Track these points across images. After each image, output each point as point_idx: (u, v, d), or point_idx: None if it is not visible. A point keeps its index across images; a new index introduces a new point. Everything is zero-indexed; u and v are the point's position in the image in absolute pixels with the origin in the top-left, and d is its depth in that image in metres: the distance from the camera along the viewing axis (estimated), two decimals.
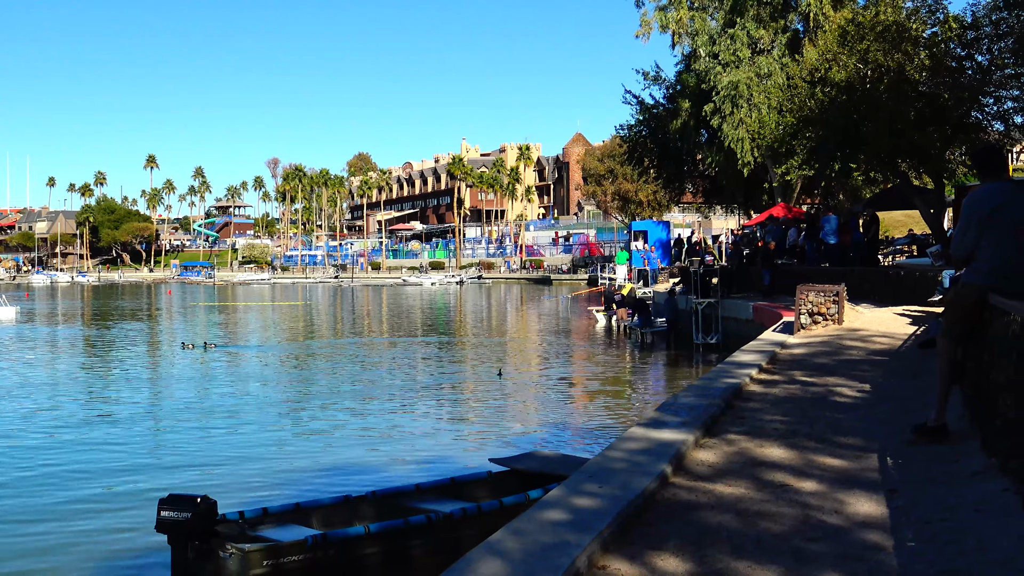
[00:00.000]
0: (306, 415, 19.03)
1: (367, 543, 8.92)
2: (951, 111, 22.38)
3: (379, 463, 14.21)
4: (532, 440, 15.72)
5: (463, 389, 22.98)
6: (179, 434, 16.88)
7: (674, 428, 7.51)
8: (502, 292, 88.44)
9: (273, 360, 29.92)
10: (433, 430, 17.12)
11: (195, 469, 13.90)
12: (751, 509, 5.53)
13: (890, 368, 11.60)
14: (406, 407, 19.93)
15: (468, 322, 48.93)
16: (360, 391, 22.24)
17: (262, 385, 23.61)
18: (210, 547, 8.68)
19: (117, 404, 20.57)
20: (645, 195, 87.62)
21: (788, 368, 11.77)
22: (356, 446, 15.65)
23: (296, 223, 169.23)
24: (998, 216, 6.66)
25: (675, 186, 49.02)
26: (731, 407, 8.93)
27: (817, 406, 8.97)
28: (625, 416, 18.19)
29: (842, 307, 16.57)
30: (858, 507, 5.51)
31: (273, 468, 14.00)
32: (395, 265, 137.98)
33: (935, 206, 25.37)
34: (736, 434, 7.69)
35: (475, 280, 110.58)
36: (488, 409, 19.63)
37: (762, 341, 15.28)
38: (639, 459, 6.44)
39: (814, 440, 7.38)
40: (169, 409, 19.94)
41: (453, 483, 10.85)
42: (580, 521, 5.03)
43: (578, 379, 24.65)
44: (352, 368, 27.11)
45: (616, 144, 74.94)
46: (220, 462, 14.40)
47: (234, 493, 11.89)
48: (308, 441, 16.21)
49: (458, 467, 12.89)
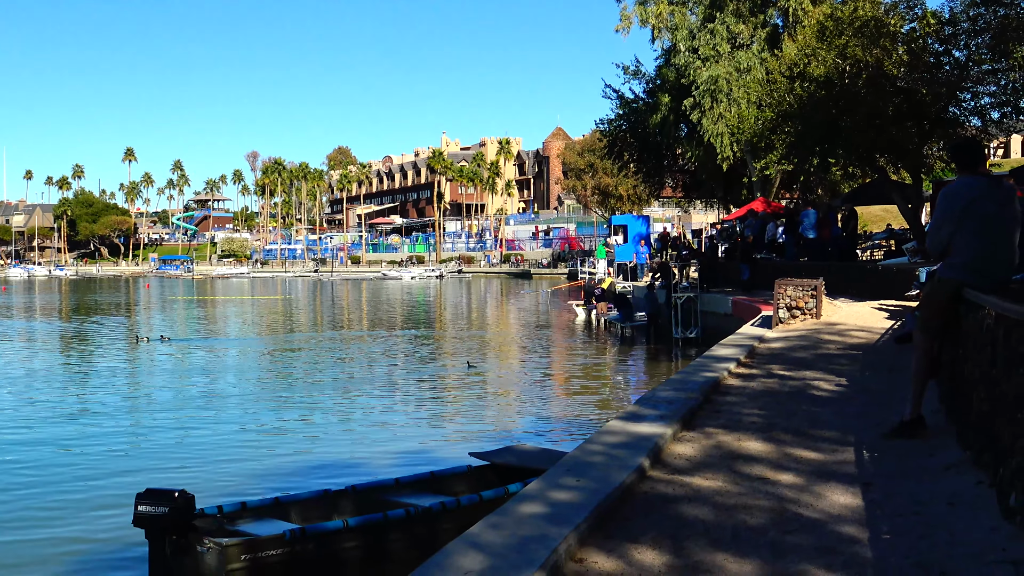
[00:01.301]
0: (285, 409, 18.96)
1: (346, 537, 8.91)
2: (929, 106, 22.52)
3: (358, 457, 14.19)
4: (512, 434, 15.74)
5: (443, 383, 22.97)
6: (157, 428, 16.78)
7: (652, 421, 7.53)
8: (482, 286, 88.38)
9: (252, 354, 29.81)
10: (413, 424, 17.11)
11: (173, 463, 13.83)
12: (728, 502, 5.56)
13: (867, 362, 11.67)
14: (386, 401, 19.91)
15: (448, 316, 48.87)
16: (340, 385, 22.19)
17: (240, 379, 23.51)
18: (188, 542, 8.65)
19: (93, 398, 20.43)
20: (625, 189, 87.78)
21: (766, 362, 11.82)
22: (336, 440, 15.62)
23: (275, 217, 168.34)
24: (973, 210, 6.70)
25: (655, 180, 49.12)
26: (709, 401, 8.96)
27: (794, 400, 9.02)
28: (604, 410, 18.22)
29: (820, 301, 16.66)
30: (834, 500, 5.55)
31: (252, 462, 13.95)
32: (375, 259, 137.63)
33: (913, 201, 25.53)
34: (714, 427, 7.72)
35: (455, 274, 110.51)
36: (468, 403, 19.63)
37: (741, 335, 15.33)
38: (617, 452, 6.45)
39: (791, 433, 7.41)
40: (146, 403, 19.83)
41: (432, 477, 10.84)
42: (558, 514, 5.04)
43: (558, 373, 24.68)
44: (331, 362, 27.04)
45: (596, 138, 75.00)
46: (198, 456, 14.34)
47: (212, 487, 11.84)
48: (287, 435, 16.16)
49: (437, 461, 12.88)
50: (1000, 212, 6.74)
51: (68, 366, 26.98)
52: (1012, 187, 7.07)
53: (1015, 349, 4.89)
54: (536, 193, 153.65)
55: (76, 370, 26.00)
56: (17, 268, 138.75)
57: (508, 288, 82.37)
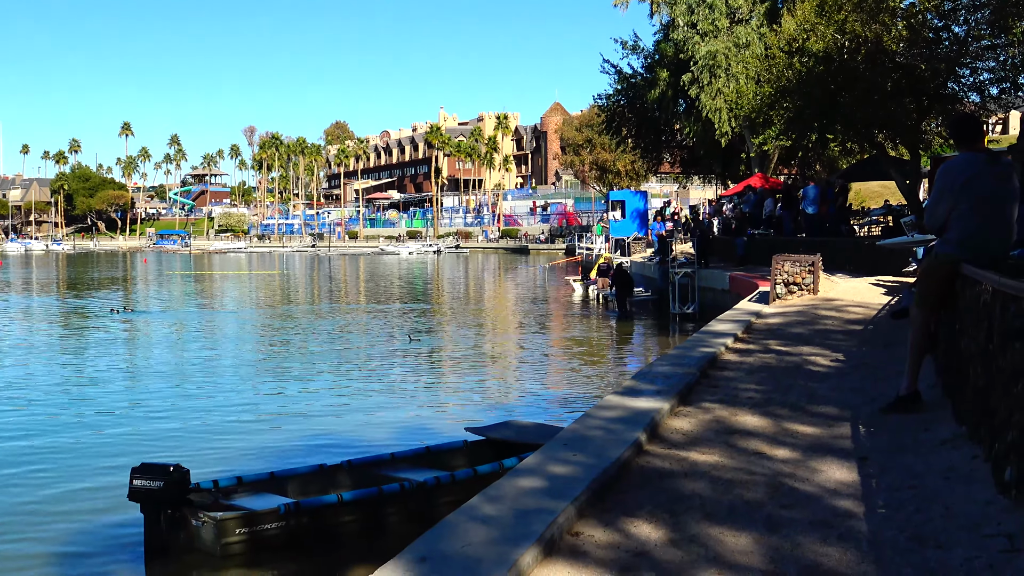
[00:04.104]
0: (281, 384, 18.97)
1: (341, 511, 8.93)
2: (927, 82, 22.40)
3: (354, 432, 14.19)
4: (508, 409, 15.75)
5: (440, 358, 22.98)
6: (151, 402, 16.77)
7: (649, 396, 7.53)
8: (480, 262, 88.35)
9: (248, 328, 29.80)
10: (409, 399, 17.12)
11: (168, 437, 13.83)
12: (725, 476, 5.56)
13: (864, 337, 11.68)
14: (382, 376, 19.91)
15: (445, 291, 48.87)
16: (336, 360, 22.19)
17: (236, 353, 23.51)
18: (183, 516, 8.67)
19: (89, 370, 20.43)
20: (623, 165, 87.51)
21: (763, 337, 11.83)
22: (332, 415, 15.63)
23: (273, 192, 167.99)
24: (971, 186, 6.68)
25: (653, 156, 49.02)
26: (706, 376, 8.97)
27: (791, 375, 9.02)
28: (601, 385, 18.24)
29: (817, 277, 16.66)
30: (830, 474, 5.55)
31: (247, 437, 13.95)
32: (372, 234, 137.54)
33: (911, 177, 25.48)
34: (711, 402, 7.73)
35: (453, 250, 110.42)
36: (464, 378, 19.64)
37: (738, 311, 15.34)
38: (614, 427, 6.45)
39: (788, 408, 7.42)
40: (142, 377, 19.82)
41: (428, 452, 10.87)
42: (555, 488, 5.04)
43: (554, 348, 24.68)
44: (328, 337, 27.04)
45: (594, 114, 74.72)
46: (194, 430, 14.34)
47: (208, 462, 11.83)
48: (283, 409, 16.16)
49: (433, 436, 12.90)
50: (998, 188, 6.71)
51: (64, 339, 26.95)
52: (1010, 163, 7.05)
53: (1011, 324, 4.88)
54: (534, 168, 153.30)
55: (71, 343, 25.98)
56: (14, 243, 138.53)
57: (506, 263, 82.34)
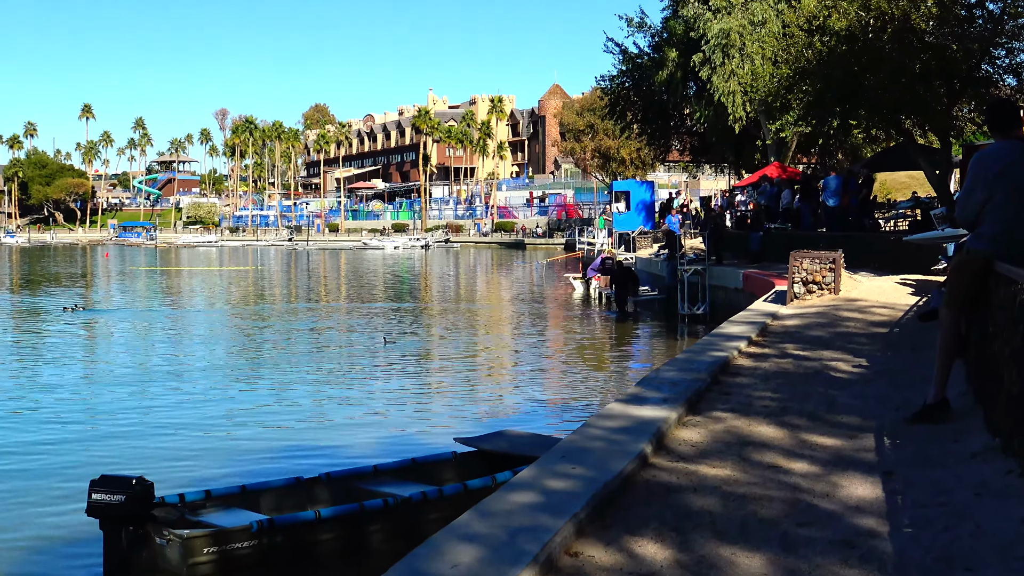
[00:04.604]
0: (254, 389, 18.95)
1: (319, 529, 8.91)
2: (959, 64, 22.41)
3: (334, 442, 14.18)
4: (501, 418, 15.76)
5: (427, 362, 22.97)
6: (114, 409, 16.72)
7: (655, 404, 7.53)
8: (471, 257, 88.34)
9: (219, 328, 29.77)
10: (393, 406, 17.10)
11: (130, 448, 13.80)
12: (737, 492, 5.55)
13: (889, 341, 11.70)
14: (365, 381, 19.90)
15: (434, 289, 48.86)
16: (314, 363, 22.17)
17: (205, 356, 23.48)
18: (146, 533, 8.64)
19: (43, 375, 20.37)
20: (628, 152, 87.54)
21: (780, 341, 11.84)
22: (309, 423, 15.61)
23: (246, 180, 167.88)
24: (1007, 177, 6.66)
25: (660, 143, 49.09)
26: (717, 382, 8.97)
27: (810, 381, 9.03)
28: (602, 392, 18.26)
29: (839, 275, 16.67)
30: (852, 490, 5.54)
31: (217, 447, 13.93)
32: (355, 227, 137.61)
33: (941, 166, 25.49)
34: (723, 411, 7.72)
35: (442, 244, 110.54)
36: (454, 384, 19.65)
37: (752, 311, 15.36)
38: (617, 438, 6.45)
39: (806, 418, 7.42)
40: (101, 382, 19.77)
41: (414, 464, 10.85)
42: (552, 504, 5.02)
43: (552, 352, 24.70)
44: (306, 338, 27.02)
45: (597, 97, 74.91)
46: (158, 440, 14.30)
47: (174, 474, 11.82)
48: (256, 418, 16.13)
49: (420, 447, 12.89)
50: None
51: (15, 341, 26.89)
52: None
53: None
54: (531, 156, 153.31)
55: (22, 345, 25.92)
56: None
57: (499, 259, 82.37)
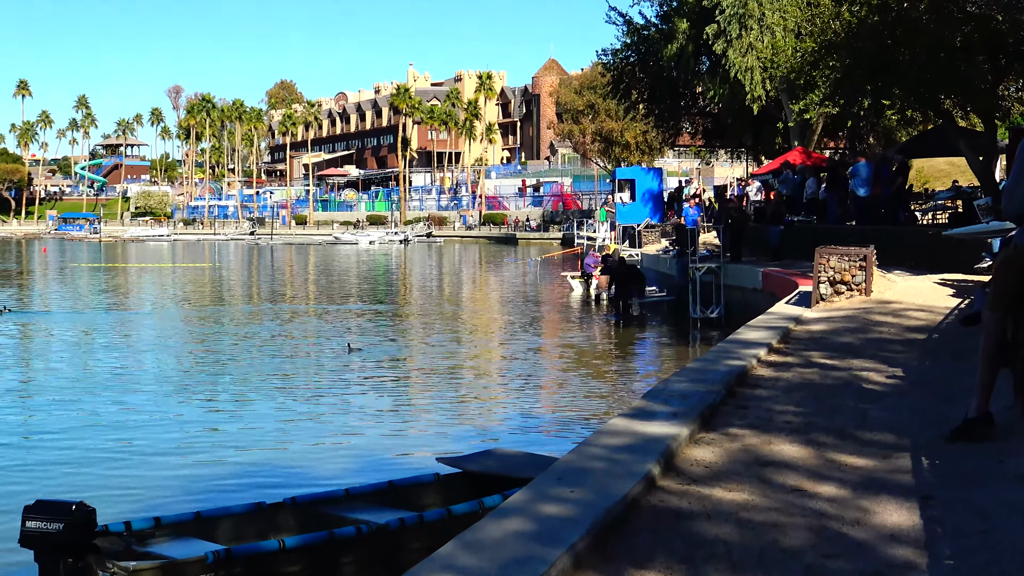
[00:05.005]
0: (210, 402, 18.93)
1: (282, 560, 8.88)
2: (1005, 37, 22.44)
3: (300, 462, 14.17)
4: (490, 435, 15.78)
5: (407, 372, 22.96)
6: (51, 426, 16.68)
7: (664, 420, 7.53)
8: (456, 253, 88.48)
9: (172, 333, 29.71)
10: (368, 422, 17.09)
11: (70, 469, 13.75)
12: (756, 519, 5.54)
13: (927, 348, 11.71)
14: (336, 393, 19.88)
15: (414, 289, 48.90)
16: (279, 373, 22.15)
17: (155, 364, 23.44)
18: (87, 565, 8.59)
19: None
20: (632, 136, 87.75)
21: (804, 348, 11.85)
22: (273, 441, 15.59)
23: (202, 166, 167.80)
24: None
25: (669, 125, 49.15)
26: (734, 395, 8.98)
27: (838, 394, 9.04)
28: (604, 405, 18.28)
29: (870, 274, 16.68)
30: (885, 516, 5.53)
31: (169, 468, 13.89)
32: (325, 219, 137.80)
33: (984, 152, 25.53)
34: (740, 427, 7.72)
35: (423, 238, 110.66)
36: (437, 397, 19.65)
37: (773, 315, 15.38)
38: (620, 457, 6.44)
39: (834, 435, 7.42)
40: (36, 393, 19.76)
41: (391, 487, 10.83)
42: (547, 532, 5.01)
43: (547, 360, 24.70)
44: (270, 345, 26.99)
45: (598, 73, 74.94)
46: (102, 460, 14.28)
47: (119, 499, 11.79)
48: (213, 435, 16.12)
49: (398, 468, 12.89)
50: None
51: None
52: None
53: None
54: (524, 140, 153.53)
55: None
56: None
57: (488, 256, 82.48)
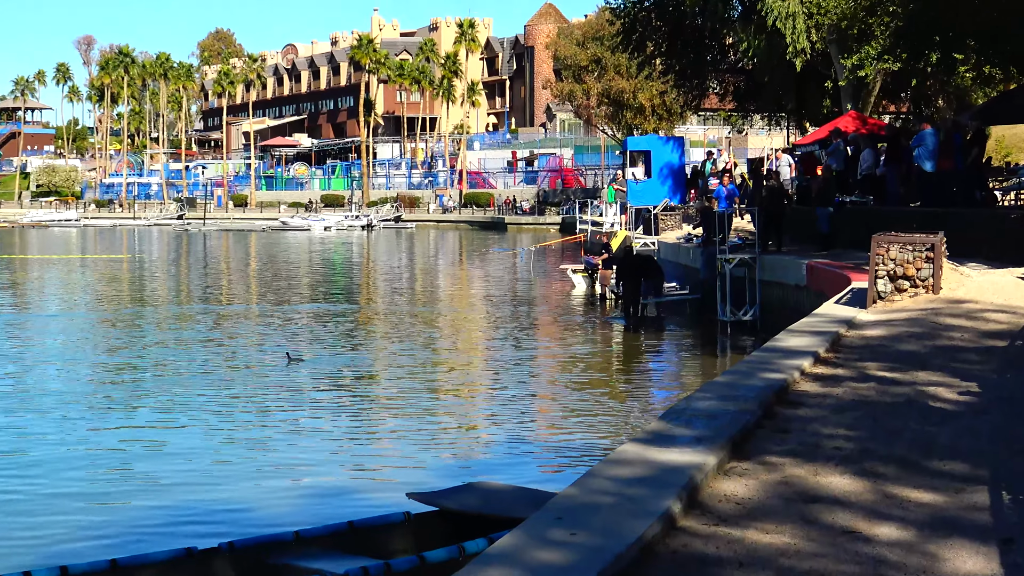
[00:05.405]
0: (130, 424, 18.87)
1: None
2: None
3: (240, 499, 14.16)
4: (472, 464, 15.80)
5: (371, 387, 22.93)
6: None
7: (686, 446, 7.54)
8: (432, 241, 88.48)
9: (81, 341, 29.65)
10: (324, 449, 17.07)
11: None
12: (799, 567, 5.56)
13: (1009, 358, 11.74)
14: (282, 414, 19.83)
15: (380, 286, 48.87)
16: (212, 389, 22.08)
17: (63, 379, 23.38)
18: None
19: None
20: (647, 98, 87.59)
21: (858, 358, 11.87)
22: (206, 472, 15.58)
23: (120, 135, 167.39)
24: None
25: (693, 85, 49.07)
26: (772, 415, 8.98)
27: (900, 414, 9.04)
28: (612, 429, 18.27)
29: (939, 267, 16.69)
30: (958, 563, 5.55)
31: (79, 505, 13.87)
32: (270, 200, 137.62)
33: None
34: (779, 455, 7.73)
35: (391, 223, 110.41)
36: (407, 418, 19.58)
37: (820, 318, 15.39)
38: (633, 492, 6.45)
39: (894, 464, 7.43)
40: None
41: (351, 529, 10.82)
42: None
43: (543, 373, 24.67)
44: (201, 354, 26.94)
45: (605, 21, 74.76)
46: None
47: (17, 545, 11.80)
48: (132, 465, 16.08)
49: (360, 506, 12.88)
50: None
51: None
52: None
53: None
54: (514, 102, 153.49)
55: None
56: None
57: (471, 245, 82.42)
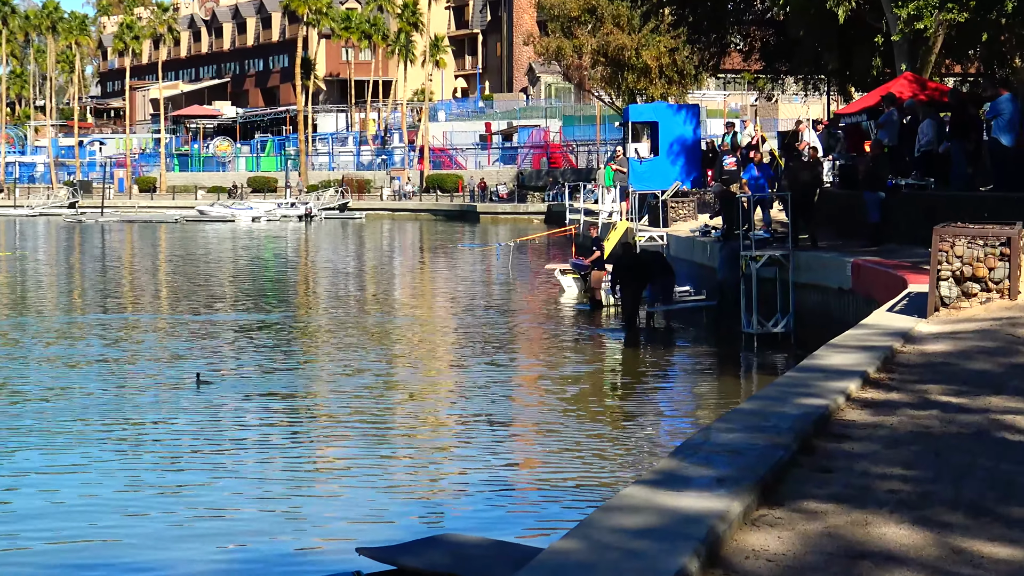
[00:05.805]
0: (12, 463, 18.82)
1: None
2: None
3: (150, 556, 14.14)
4: (438, 512, 15.86)
5: (312, 416, 22.90)
6: None
7: (704, 488, 7.54)
8: (385, 234, 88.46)
9: None
10: (254, 494, 17.05)
11: None
12: None
13: None
14: (203, 451, 19.83)
15: (321, 289, 48.91)
16: (113, 417, 22.05)
17: None
18: None
19: None
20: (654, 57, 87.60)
21: (917, 379, 11.89)
22: (106, 523, 15.54)
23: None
24: None
25: (711, 40, 49.21)
26: (811, 450, 8.99)
27: (969, 449, 9.06)
28: (614, 467, 18.29)
29: (1017, 267, 16.70)
30: None
31: None
32: (184, 184, 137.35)
33: None
34: (820, 500, 7.73)
35: (335, 212, 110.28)
36: (357, 455, 19.59)
37: (869, 329, 15.41)
38: (638, 545, 6.46)
39: (963, 511, 7.44)
40: None
41: None
42: None
43: (525, 398, 24.65)
44: (100, 374, 26.88)
45: None
46: None
47: None
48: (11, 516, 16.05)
49: (300, 564, 12.86)
50: None
51: None
52: None
53: None
54: (488, 62, 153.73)
55: None
56: None
57: (434, 239, 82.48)
